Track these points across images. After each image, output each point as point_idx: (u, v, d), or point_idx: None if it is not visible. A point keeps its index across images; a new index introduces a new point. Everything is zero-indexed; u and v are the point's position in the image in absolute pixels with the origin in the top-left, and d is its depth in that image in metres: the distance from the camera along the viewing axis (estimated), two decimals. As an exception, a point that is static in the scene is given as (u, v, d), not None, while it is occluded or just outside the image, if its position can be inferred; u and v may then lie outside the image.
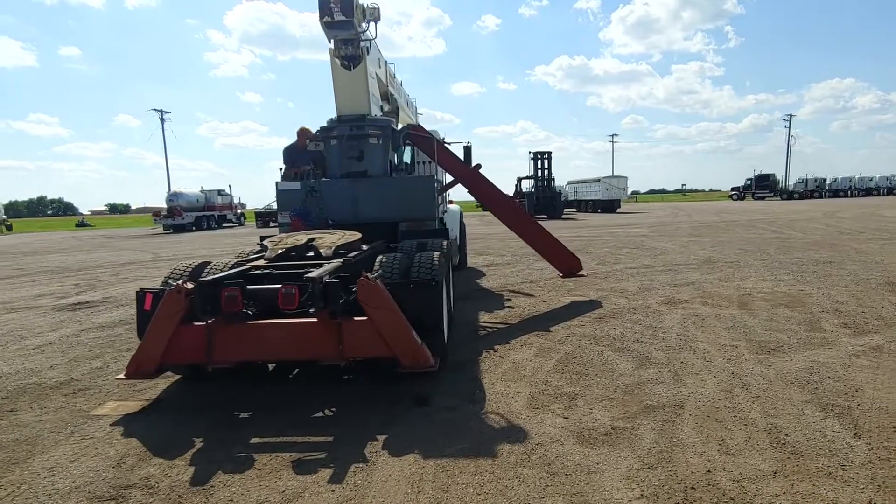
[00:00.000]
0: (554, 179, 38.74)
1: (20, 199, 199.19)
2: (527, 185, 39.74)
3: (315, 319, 4.35)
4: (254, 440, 3.88)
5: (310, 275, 4.24)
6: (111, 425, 4.24)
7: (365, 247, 6.10)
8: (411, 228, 7.61)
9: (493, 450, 3.54)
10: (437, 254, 5.23)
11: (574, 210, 47.48)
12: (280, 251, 5.31)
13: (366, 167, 7.56)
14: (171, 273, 5.17)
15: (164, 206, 41.42)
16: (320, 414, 4.35)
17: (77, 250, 24.00)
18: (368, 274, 4.43)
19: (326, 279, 4.32)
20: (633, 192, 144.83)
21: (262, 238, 6.20)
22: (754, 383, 4.54)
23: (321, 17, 6.86)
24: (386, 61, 9.45)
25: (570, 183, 49.84)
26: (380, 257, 5.12)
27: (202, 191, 44.96)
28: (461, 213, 12.59)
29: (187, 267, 5.23)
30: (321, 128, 7.71)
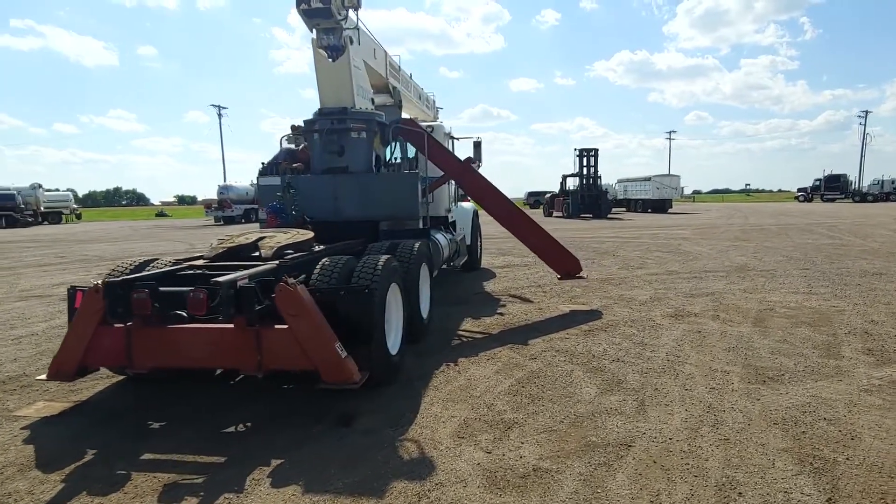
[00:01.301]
0: (600, 177, 37.29)
1: (99, 189, 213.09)
2: (572, 183, 38.50)
3: (231, 326, 4.02)
4: (146, 456, 3.59)
5: (219, 278, 3.90)
6: (22, 428, 4.07)
7: (324, 247, 5.75)
8: (393, 227, 7.21)
9: (385, 487, 3.09)
10: (383, 258, 4.79)
11: (623, 209, 45.71)
12: (221, 250, 5.03)
13: (346, 162, 7.21)
14: (113, 270, 4.98)
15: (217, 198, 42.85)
16: (233, 429, 4.02)
17: (126, 240, 25.06)
18: (290, 278, 4.05)
19: (241, 283, 3.98)
20: (695, 192, 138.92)
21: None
22: (729, 421, 3.87)
23: (298, 5, 6.53)
24: (386, 52, 9.05)
25: (619, 181, 47.96)
26: (324, 260, 4.74)
27: (252, 184, 46.23)
28: (475, 213, 12.07)
29: (131, 264, 5.03)
30: (304, 121, 7.42)
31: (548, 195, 42.41)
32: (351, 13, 6.90)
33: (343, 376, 3.96)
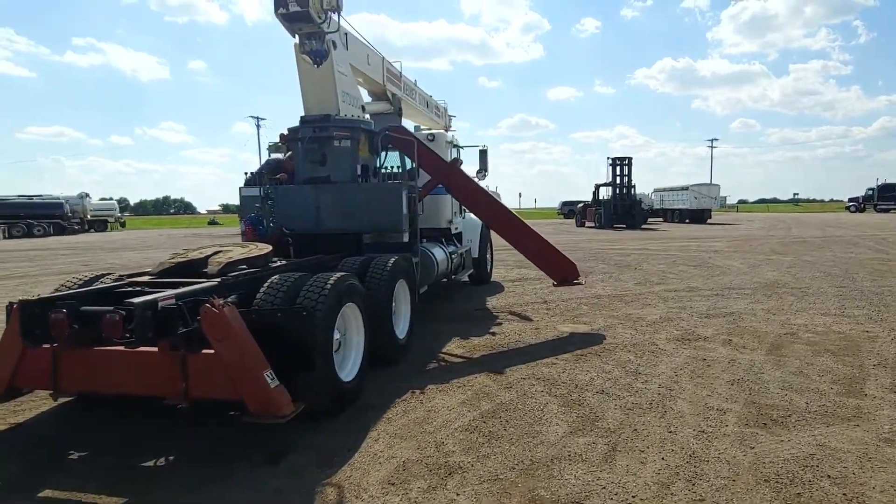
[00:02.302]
0: (634, 186, 36.10)
1: (149, 198, 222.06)
2: (605, 193, 37.42)
3: (155, 350, 3.70)
4: (45, 493, 3.27)
5: (135, 299, 3.58)
6: (-60, 454, 3.84)
7: (285, 262, 5.40)
8: (376, 241, 6.82)
9: (279, 549, 2.66)
10: (335, 276, 4.39)
11: (660, 220, 44.17)
12: (169, 265, 4.73)
13: (329, 172, 6.87)
14: (62, 285, 4.75)
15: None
16: (152, 463, 3.67)
17: (158, 248, 25.56)
18: (218, 299, 3.70)
19: (164, 304, 3.64)
20: (740, 202, 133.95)
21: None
22: (711, 475, 3.27)
23: (276, 10, 6.26)
24: (383, 58, 8.72)
25: (655, 191, 46.36)
26: (273, 277, 4.38)
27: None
28: (485, 224, 11.58)
29: (81, 279, 4.79)
30: (288, 129, 7.15)
31: (580, 205, 41.43)
32: (335, 17, 6.58)
33: (269, 409, 3.57)
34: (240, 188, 7.17)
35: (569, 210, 53.25)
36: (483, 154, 10.53)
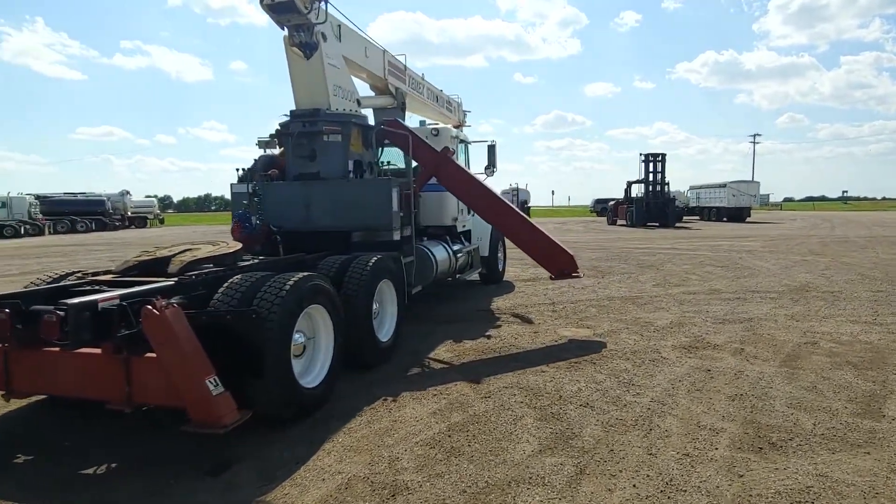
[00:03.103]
0: (668, 183, 34.93)
1: (192, 195, 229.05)
2: (637, 190, 36.35)
3: (98, 352, 3.54)
4: (-27, 502, 3.14)
5: (71, 300, 3.42)
6: None
7: (255, 260, 5.20)
8: (364, 239, 6.57)
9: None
10: (297, 277, 4.15)
11: (697, 218, 42.69)
12: (132, 263, 4.59)
13: (318, 168, 6.66)
14: (31, 283, 4.67)
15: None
16: (92, 471, 3.51)
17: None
18: (162, 299, 3.51)
19: (104, 305, 3.48)
20: (785, 200, 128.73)
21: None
22: (684, 507, 2.89)
23: (261, 1, 6.08)
24: (385, 51, 8.47)
25: (691, 188, 44.81)
26: (235, 277, 4.17)
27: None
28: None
29: (49, 276, 4.70)
30: (280, 124, 6.98)
31: (611, 202, 40.41)
32: (323, 7, 6.35)
33: (209, 417, 3.35)
34: (231, 184, 7.04)
35: (601, 208, 52.04)
36: (491, 149, 10.16)
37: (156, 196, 60.52)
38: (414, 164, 7.91)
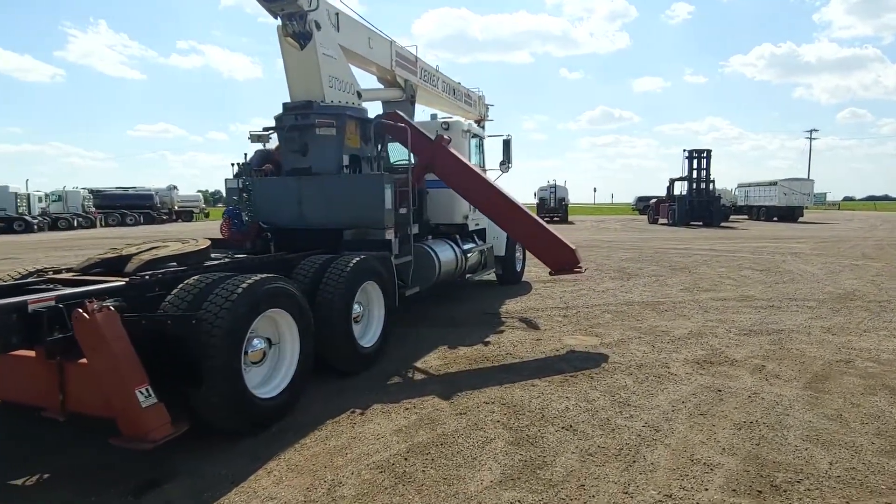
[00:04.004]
0: (713, 181, 33.32)
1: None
2: (681, 188, 34.86)
3: (33, 355, 3.35)
4: None
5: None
6: None
7: (224, 259, 4.95)
8: (356, 237, 6.25)
9: None
10: (252, 279, 3.85)
11: (745, 217, 40.67)
12: (95, 261, 4.41)
13: (310, 162, 6.39)
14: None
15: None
16: (20, 482, 3.31)
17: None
18: (96, 302, 3.28)
19: (35, 306, 3.27)
20: (845, 198, 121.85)
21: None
22: (650, 566, 2.43)
23: (252, -12, 5.85)
24: (392, 41, 8.12)
25: (739, 185, 42.68)
26: (192, 278, 3.91)
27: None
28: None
29: (18, 274, 4.58)
30: (275, 117, 6.74)
31: (653, 200, 38.97)
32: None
33: (136, 430, 3.11)
34: (225, 179, 6.86)
35: (644, 206, 50.37)
36: (506, 144, 9.71)
37: (206, 191, 62.66)
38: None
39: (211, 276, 3.97)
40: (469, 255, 8.68)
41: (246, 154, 6.73)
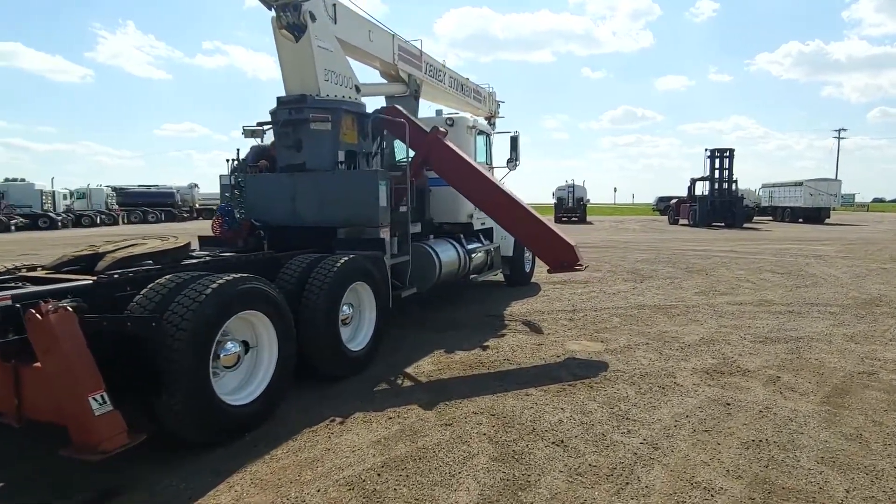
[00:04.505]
0: (736, 181, 32.46)
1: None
2: (702, 188, 34.04)
3: (-12, 358, 3.18)
4: None
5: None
6: None
7: (205, 258, 4.75)
8: (350, 236, 6.03)
9: None
10: (223, 279, 3.64)
11: (769, 219, 39.59)
12: (70, 258, 4.25)
13: (304, 158, 6.18)
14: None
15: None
16: (-27, 492, 3.16)
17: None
18: (52, 301, 3.09)
19: (-13, 307, 3.10)
20: (875, 200, 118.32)
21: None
22: None
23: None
24: (394, 35, 7.88)
25: (763, 186, 41.53)
26: (162, 279, 3.72)
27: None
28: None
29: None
30: (269, 112, 6.55)
31: (674, 200, 38.16)
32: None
33: (87, 439, 2.91)
34: (220, 176, 6.69)
35: (665, 206, 49.43)
36: (514, 141, 9.43)
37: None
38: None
39: (183, 275, 3.77)
40: (474, 255, 8.41)
41: (239, 150, 6.56)
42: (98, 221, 39.67)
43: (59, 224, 35.12)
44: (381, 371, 5.19)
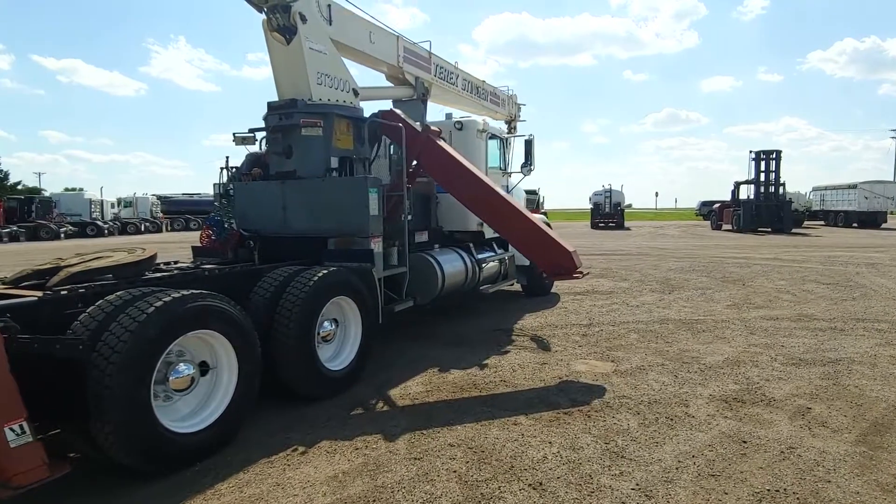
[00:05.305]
0: (783, 184, 30.78)
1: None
2: (747, 192, 32.44)
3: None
4: None
5: None
6: None
7: (173, 271, 4.49)
8: (340, 247, 5.70)
9: None
10: (167, 298, 3.36)
11: (820, 223, 37.46)
12: (29, 272, 4.06)
13: (295, 165, 5.91)
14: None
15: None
16: None
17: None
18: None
19: None
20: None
21: None
22: None
23: (230, -21, 5.47)
24: (398, 36, 7.57)
25: (814, 189, 39.30)
26: (113, 295, 3.46)
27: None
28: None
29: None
30: (263, 118, 6.32)
31: (716, 205, 36.60)
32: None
33: (2, 475, 2.66)
34: (214, 184, 6.50)
35: (708, 211, 47.58)
36: (528, 145, 8.97)
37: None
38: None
39: (134, 291, 3.52)
40: (484, 265, 7.99)
41: (228, 158, 6.35)
42: (143, 229, 41.00)
43: (106, 231, 36.49)
44: (364, 392, 4.84)
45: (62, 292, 3.54)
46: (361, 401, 4.64)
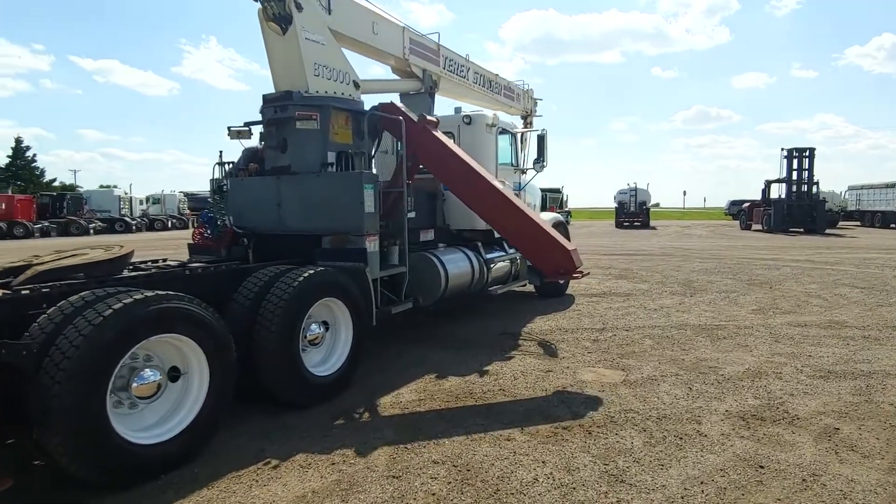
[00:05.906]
0: (817, 183, 29.60)
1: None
2: (778, 191, 31.30)
3: None
4: None
5: None
6: None
7: (149, 270, 4.28)
8: (335, 245, 5.44)
9: None
10: (127, 300, 3.13)
11: (856, 224, 35.98)
12: (0, 270, 3.90)
13: (289, 160, 5.68)
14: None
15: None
16: None
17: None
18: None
19: None
20: None
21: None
22: None
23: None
24: (404, 28, 7.28)
25: (850, 188, 37.75)
26: (76, 296, 3.26)
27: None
28: (561, 225, 9.55)
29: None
30: (259, 111, 6.11)
31: (746, 204, 35.46)
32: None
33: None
34: (210, 180, 6.32)
35: (738, 210, 46.25)
36: (541, 140, 8.59)
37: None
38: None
39: (98, 292, 3.31)
40: (493, 265, 7.67)
41: (221, 152, 6.16)
42: (169, 225, 41.65)
43: (134, 228, 37.22)
44: (353, 399, 4.58)
45: (23, 292, 3.36)
46: (348, 409, 4.38)
